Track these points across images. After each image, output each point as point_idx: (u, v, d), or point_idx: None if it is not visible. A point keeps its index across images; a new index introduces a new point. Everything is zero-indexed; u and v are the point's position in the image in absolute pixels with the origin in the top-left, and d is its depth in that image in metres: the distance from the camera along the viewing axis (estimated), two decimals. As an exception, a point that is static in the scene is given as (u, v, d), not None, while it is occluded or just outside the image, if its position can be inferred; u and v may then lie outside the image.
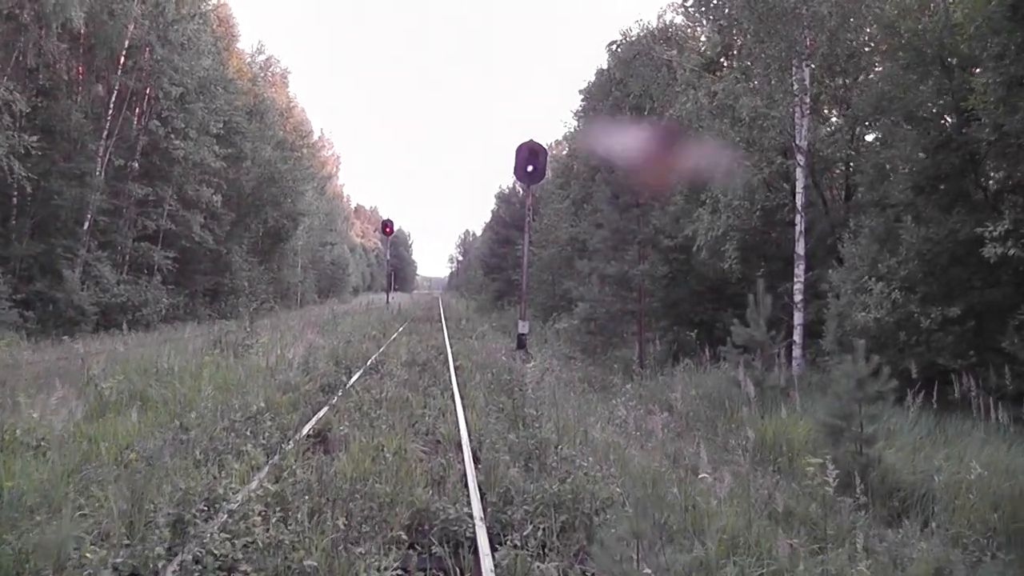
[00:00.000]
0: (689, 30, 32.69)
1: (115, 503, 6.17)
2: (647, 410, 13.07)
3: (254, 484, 7.02)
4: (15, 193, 26.03)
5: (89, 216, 28.97)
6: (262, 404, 10.86)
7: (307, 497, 6.70)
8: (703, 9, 19.50)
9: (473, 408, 12.35)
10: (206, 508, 6.28)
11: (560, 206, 42.90)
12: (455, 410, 12.20)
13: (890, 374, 8.98)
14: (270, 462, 7.99)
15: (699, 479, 7.21)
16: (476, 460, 8.81)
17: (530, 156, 25.23)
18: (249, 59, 54.45)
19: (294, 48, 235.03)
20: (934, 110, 14.15)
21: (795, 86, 17.79)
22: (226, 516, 6.07)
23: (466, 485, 7.71)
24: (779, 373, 14.08)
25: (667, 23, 34.13)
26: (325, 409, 11.57)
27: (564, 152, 56.73)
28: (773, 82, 17.75)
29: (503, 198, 71.22)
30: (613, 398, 15.11)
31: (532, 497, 6.95)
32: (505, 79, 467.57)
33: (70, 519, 5.75)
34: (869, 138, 20.24)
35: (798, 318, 17.56)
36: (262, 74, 55.42)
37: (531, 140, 25.51)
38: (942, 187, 14.13)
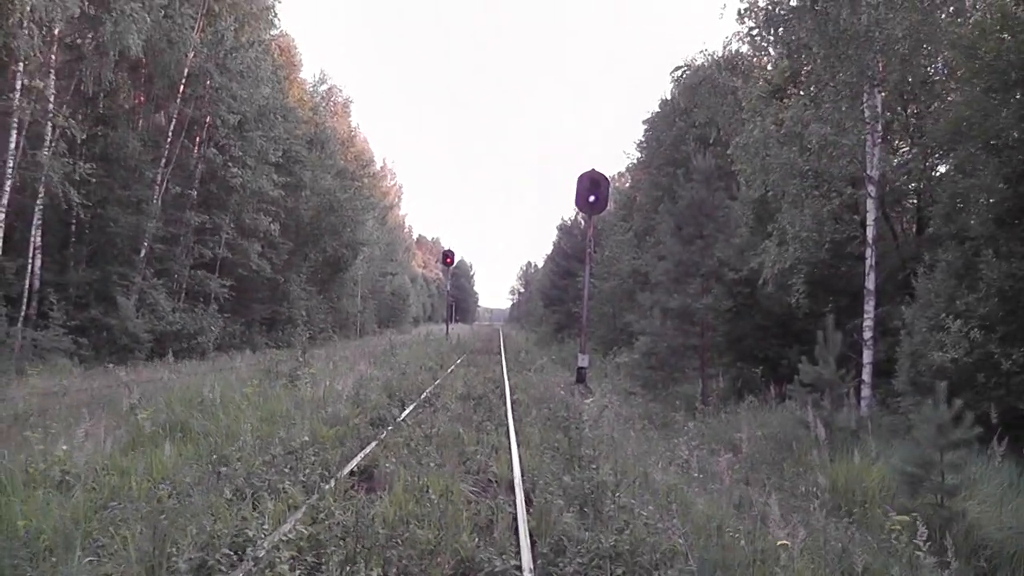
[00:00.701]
0: (755, 59, 32.14)
1: (136, 545, 5.84)
2: (710, 450, 12.55)
3: (287, 526, 6.64)
4: (73, 221, 26.36)
5: (145, 244, 29.27)
6: (306, 438, 10.51)
7: (343, 542, 6.32)
8: (771, 34, 18.92)
9: (527, 445, 11.90)
10: (232, 553, 5.91)
11: (622, 238, 42.41)
12: (509, 447, 11.73)
13: (974, 420, 8.36)
14: (307, 502, 7.61)
15: (768, 530, 6.69)
16: (528, 503, 8.35)
17: (591, 186, 24.82)
18: (311, 88, 55.17)
19: (358, 78, 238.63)
20: (1017, 136, 13.36)
21: (866, 113, 17.15)
22: (252, 564, 5.69)
23: (516, 532, 7.25)
24: (849, 414, 13.41)
25: (733, 52, 33.64)
26: (373, 444, 11.20)
27: (627, 184, 56.33)
28: (844, 109, 17.11)
29: (565, 230, 71.04)
30: (674, 436, 14.56)
31: (587, 548, 6.49)
32: (571, 112, 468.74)
33: (78, 564, 5.43)
34: (942, 169, 19.49)
35: (867, 356, 16.81)
36: (324, 103, 55.95)
37: (592, 169, 25.10)
38: (1026, 219, 13.33)
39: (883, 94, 17.58)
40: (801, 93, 19.69)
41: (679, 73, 34.69)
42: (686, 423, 14.78)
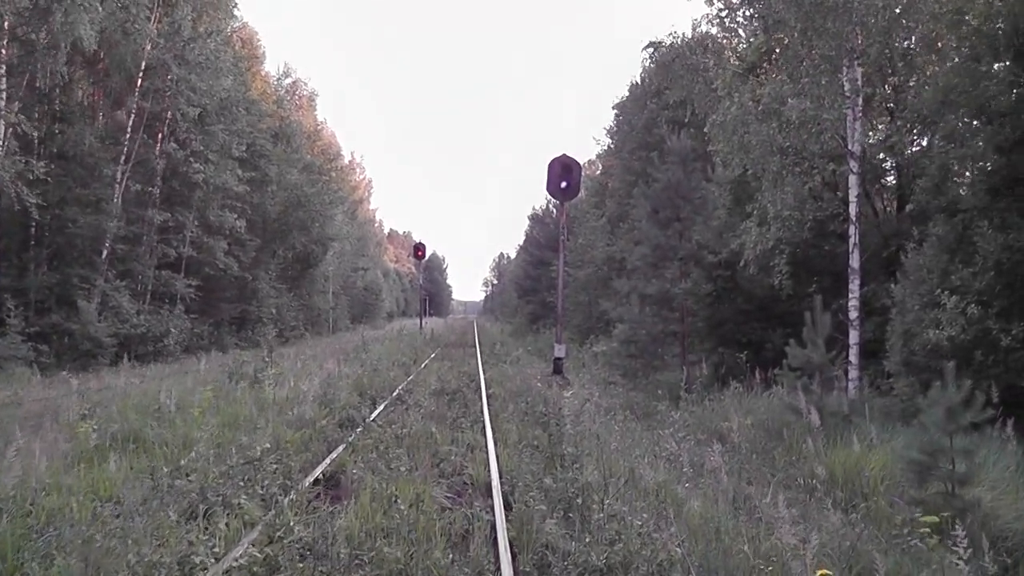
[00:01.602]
0: (725, 40, 31.56)
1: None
2: (697, 440, 11.92)
3: (239, 549, 5.89)
4: (33, 223, 25.37)
5: (107, 244, 28.13)
6: (267, 444, 9.74)
7: (301, 565, 5.58)
8: (745, 6, 18.32)
9: (505, 444, 11.21)
10: (176, 583, 5.16)
11: (596, 224, 41.85)
12: (485, 446, 11.01)
13: (985, 402, 7.74)
14: (264, 519, 6.84)
15: (774, 532, 6.04)
16: (507, 508, 7.65)
17: (563, 171, 24.20)
18: (275, 81, 54.10)
19: (325, 72, 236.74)
20: (1008, 103, 12.76)
21: (846, 87, 16.58)
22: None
23: (495, 544, 6.53)
24: (841, 398, 12.83)
25: (703, 33, 33.00)
26: (340, 448, 10.42)
27: (598, 171, 55.79)
28: (824, 83, 16.50)
29: (536, 219, 70.62)
30: (658, 427, 13.99)
31: (574, 561, 5.80)
32: (538, 101, 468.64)
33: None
34: (924, 142, 19.00)
35: (854, 337, 16.28)
36: (288, 97, 54.87)
37: (563, 155, 24.49)
38: (1021, 189, 12.74)
39: (862, 68, 17.00)
40: (777, 70, 19.09)
41: (651, 51, 33.97)
42: (670, 412, 14.25)
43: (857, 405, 12.75)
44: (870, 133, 19.45)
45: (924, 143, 19.02)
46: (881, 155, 19.90)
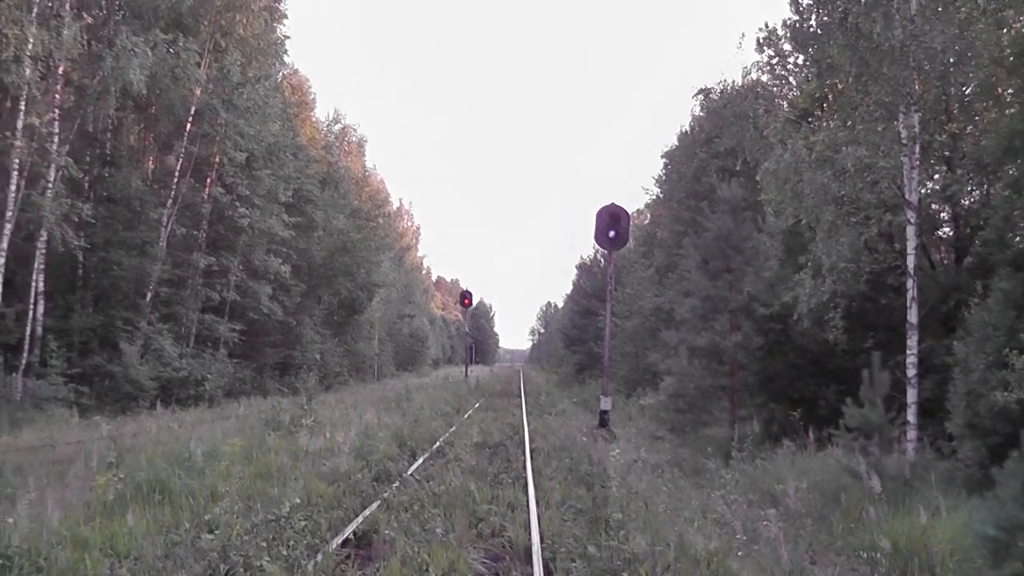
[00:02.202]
0: (776, 88, 31.20)
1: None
2: (747, 501, 11.36)
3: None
4: (80, 265, 25.59)
5: (151, 287, 28.38)
6: (297, 500, 9.35)
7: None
8: (798, 53, 17.92)
9: (547, 503, 10.71)
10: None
11: (644, 274, 41.35)
12: (527, 505, 10.49)
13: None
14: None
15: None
16: (547, 579, 7.18)
17: (611, 221, 23.86)
18: (324, 127, 54.46)
19: (377, 118, 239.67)
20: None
21: (903, 134, 16.00)
22: None
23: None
24: (902, 461, 12.16)
25: (754, 81, 32.68)
26: (374, 506, 9.97)
27: (646, 221, 55.40)
28: (880, 129, 15.97)
29: (584, 268, 70.45)
30: (707, 485, 13.44)
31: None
32: (589, 151, 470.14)
33: None
34: (983, 191, 18.34)
35: (911, 396, 15.44)
36: (337, 143, 55.21)
37: (612, 203, 24.19)
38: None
39: (919, 113, 16.44)
40: (832, 116, 18.60)
41: (701, 98, 33.70)
42: (719, 471, 13.68)
43: (918, 469, 12.08)
44: (926, 183, 18.84)
45: (983, 192, 18.36)
46: (937, 205, 19.23)
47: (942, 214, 19.91)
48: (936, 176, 19.50)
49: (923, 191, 16.89)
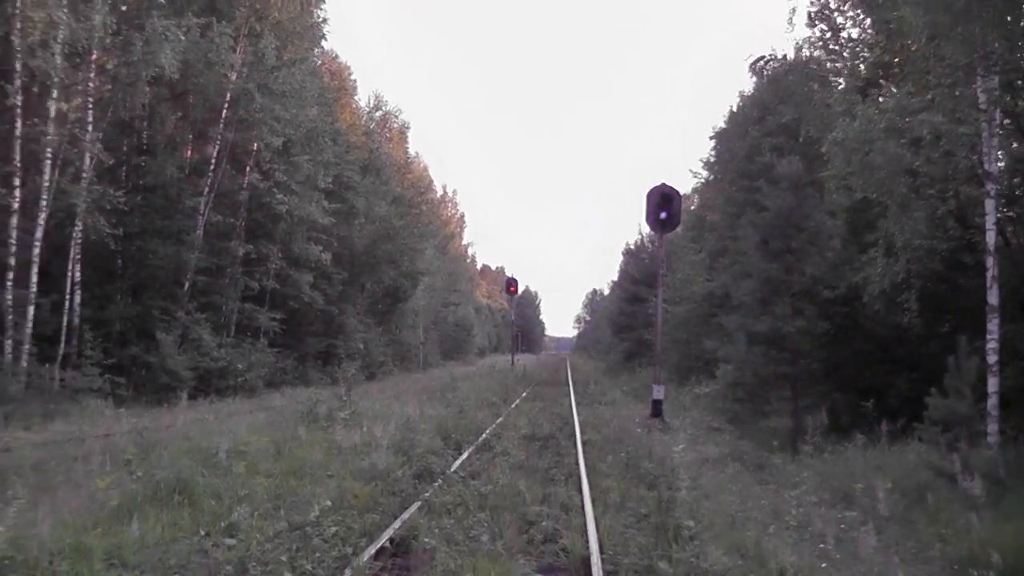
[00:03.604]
0: (829, 64, 29.84)
1: None
2: (820, 499, 10.34)
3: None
4: (118, 255, 25.16)
5: (188, 276, 27.92)
6: (328, 502, 8.50)
7: None
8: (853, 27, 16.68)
9: (605, 504, 9.68)
10: None
11: (695, 258, 40.15)
12: (582, 507, 9.46)
13: None
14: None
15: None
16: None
17: (663, 201, 22.72)
18: (366, 114, 53.84)
19: (422, 105, 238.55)
20: None
21: (981, 98, 14.68)
22: None
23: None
24: (996, 459, 11.01)
25: (807, 56, 31.29)
26: (414, 508, 9.00)
27: (694, 205, 54.05)
28: (957, 94, 14.69)
29: (631, 254, 69.27)
30: (772, 481, 12.42)
31: None
32: (631, 140, 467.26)
33: None
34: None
35: (992, 384, 14.10)
36: (378, 129, 54.52)
37: (663, 184, 23.02)
38: None
39: (999, 76, 15.08)
40: (899, 82, 17.34)
41: (758, 67, 32.17)
42: (785, 466, 12.69)
43: (1014, 467, 10.94)
44: (1001, 153, 17.47)
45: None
46: (1017, 179, 17.87)
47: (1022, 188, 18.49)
48: (1015, 145, 18.13)
49: (1006, 161, 15.54)
